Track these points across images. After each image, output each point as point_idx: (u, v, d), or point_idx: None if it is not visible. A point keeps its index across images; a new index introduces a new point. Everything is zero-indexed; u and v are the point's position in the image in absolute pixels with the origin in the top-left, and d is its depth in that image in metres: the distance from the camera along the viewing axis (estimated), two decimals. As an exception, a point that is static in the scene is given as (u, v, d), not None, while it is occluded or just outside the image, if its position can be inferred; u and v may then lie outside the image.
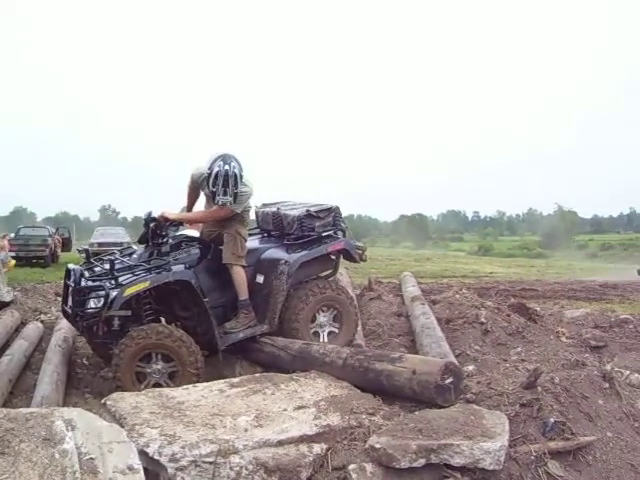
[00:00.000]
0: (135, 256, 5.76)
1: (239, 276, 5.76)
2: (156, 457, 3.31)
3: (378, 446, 3.41)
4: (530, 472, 3.46)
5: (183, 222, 6.03)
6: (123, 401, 4.03)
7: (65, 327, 6.59)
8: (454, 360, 5.13)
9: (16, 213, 74.83)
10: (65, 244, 29.81)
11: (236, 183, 5.52)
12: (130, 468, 3.04)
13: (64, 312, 5.83)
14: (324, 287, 6.14)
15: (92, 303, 5.19)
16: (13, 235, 26.68)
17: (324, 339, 6.03)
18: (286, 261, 5.87)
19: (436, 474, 3.37)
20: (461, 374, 4.28)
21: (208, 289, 5.64)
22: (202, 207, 6.18)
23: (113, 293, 5.12)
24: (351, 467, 3.40)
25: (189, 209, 6.19)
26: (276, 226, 6.42)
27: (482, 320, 6.42)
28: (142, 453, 3.28)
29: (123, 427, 3.54)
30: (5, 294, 8.00)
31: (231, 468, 3.33)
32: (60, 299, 6.80)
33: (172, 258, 5.58)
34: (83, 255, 6.24)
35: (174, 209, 6.05)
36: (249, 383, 4.52)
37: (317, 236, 6.15)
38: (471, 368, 5.15)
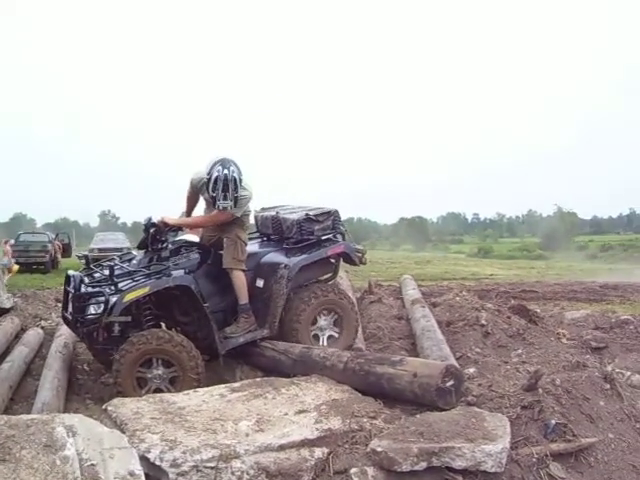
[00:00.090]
0: (135, 262, 5.76)
1: (239, 280, 5.76)
2: (157, 463, 3.31)
3: (379, 449, 3.41)
4: (532, 474, 3.46)
5: (183, 227, 6.04)
6: (124, 407, 4.03)
7: (65, 333, 6.59)
8: (455, 363, 5.14)
9: (16, 219, 74.68)
10: (65, 250, 29.84)
11: (236, 187, 5.52)
12: (131, 474, 3.04)
13: (64, 318, 5.83)
14: (327, 290, 6.14)
15: (92, 309, 5.19)
16: (13, 241, 26.70)
17: (323, 343, 6.03)
18: (286, 265, 5.87)
19: (438, 477, 3.37)
20: (462, 377, 4.27)
21: (208, 294, 5.64)
22: (202, 212, 6.19)
23: (113, 299, 5.12)
24: (353, 471, 3.40)
25: (188, 214, 6.18)
26: (275, 230, 6.41)
27: (483, 322, 6.42)
28: (143, 459, 3.28)
29: (124, 433, 3.54)
30: (5, 300, 8.01)
31: (233, 473, 3.32)
32: (60, 305, 6.81)
33: (172, 263, 5.58)
34: (83, 261, 6.25)
35: (173, 214, 6.05)
36: (250, 387, 4.51)
37: (316, 240, 6.15)
38: (472, 370, 5.15)
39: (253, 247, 6.29)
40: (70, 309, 5.46)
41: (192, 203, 6.15)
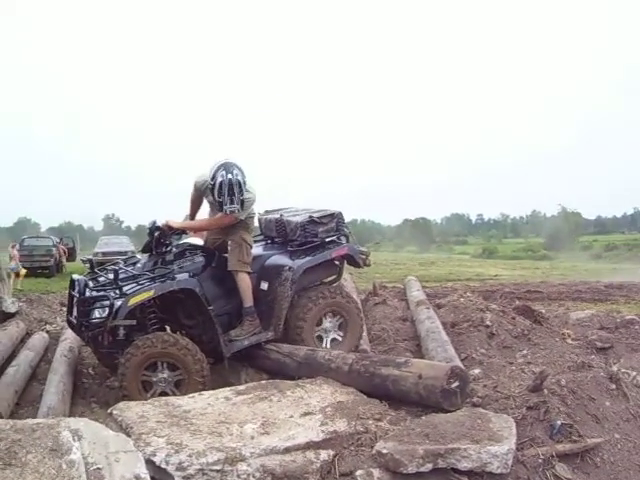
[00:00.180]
0: (139, 265, 5.76)
1: (244, 283, 5.77)
2: (163, 466, 3.31)
3: (385, 451, 3.41)
4: (538, 475, 3.45)
5: (188, 230, 6.05)
6: (129, 410, 4.03)
7: (70, 337, 6.60)
8: (460, 364, 5.13)
9: (20, 224, 74.92)
10: (70, 254, 29.88)
11: (241, 190, 5.53)
12: (137, 477, 3.03)
13: (69, 322, 5.84)
14: (335, 292, 6.16)
15: (97, 313, 5.20)
16: (18, 246, 26.73)
17: (327, 345, 6.03)
18: (290, 267, 5.88)
19: (443, 479, 3.36)
20: (467, 378, 4.26)
21: (213, 297, 5.64)
22: (206, 215, 6.19)
23: (118, 303, 5.13)
24: (358, 473, 3.40)
25: (192, 217, 6.19)
26: (279, 233, 6.41)
27: (487, 323, 6.41)
28: (149, 462, 3.28)
29: (130, 436, 3.54)
30: (10, 305, 8.01)
31: (238, 476, 3.32)
32: (65, 309, 6.82)
33: (176, 266, 5.59)
34: (87, 265, 6.25)
35: (177, 217, 6.07)
36: (255, 390, 4.51)
37: (320, 242, 6.16)
38: (477, 372, 5.14)
39: (257, 250, 6.29)
40: (75, 313, 5.47)
41: (196, 206, 6.16)
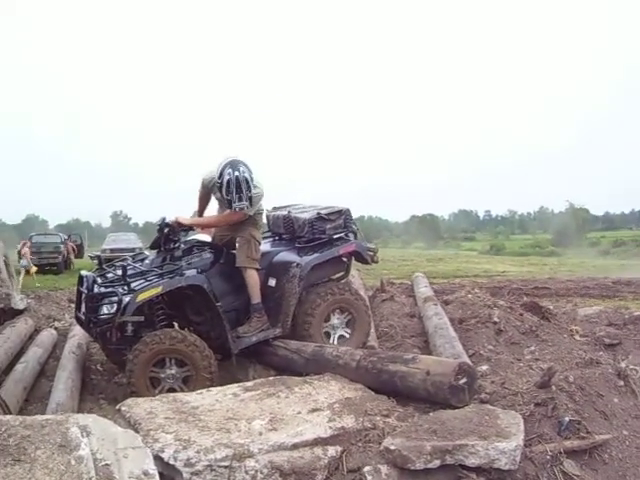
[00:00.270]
0: (147, 262, 5.77)
1: (252, 279, 5.77)
2: (171, 462, 3.32)
3: (393, 447, 3.41)
4: (546, 471, 3.45)
5: (197, 227, 6.05)
6: (137, 407, 4.04)
7: (79, 334, 6.61)
8: (468, 360, 5.12)
9: (28, 220, 74.96)
10: (78, 251, 29.95)
11: (249, 187, 5.54)
12: (146, 473, 3.04)
13: (77, 319, 5.85)
14: (343, 289, 6.16)
15: (105, 309, 5.21)
16: (22, 242, 26.79)
17: (334, 341, 6.03)
18: (298, 264, 5.88)
19: (451, 475, 3.37)
20: (475, 374, 4.26)
21: (221, 293, 5.65)
22: (215, 212, 6.20)
23: (126, 299, 5.14)
24: (366, 469, 3.41)
25: (200, 214, 6.20)
26: (287, 229, 6.41)
27: (495, 319, 6.39)
28: (157, 458, 3.29)
29: (138, 433, 3.55)
30: (19, 302, 8.02)
31: (246, 472, 3.33)
32: (73, 306, 6.83)
33: (184, 263, 5.59)
34: (95, 261, 6.26)
35: (185, 214, 6.07)
36: (263, 387, 4.52)
37: (328, 239, 6.16)
38: (485, 368, 5.14)
39: (265, 246, 6.29)
40: (83, 309, 5.47)
41: (204, 203, 6.17)
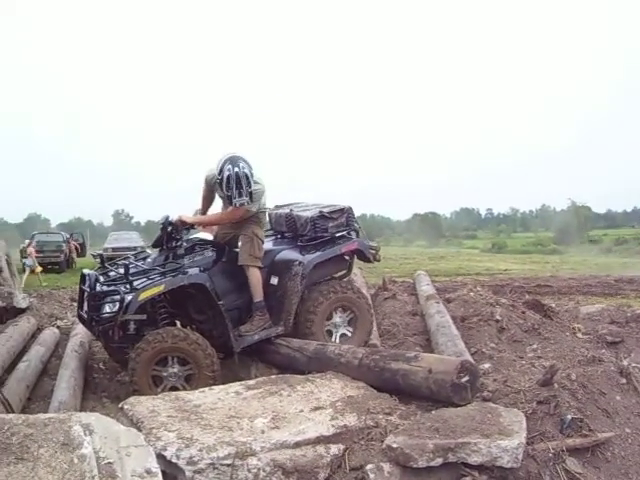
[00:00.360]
0: (149, 260, 5.77)
1: (255, 277, 5.77)
2: (174, 460, 3.32)
3: (395, 446, 3.41)
4: (548, 469, 3.45)
5: (200, 225, 6.05)
6: (140, 405, 4.05)
7: (81, 332, 6.62)
8: (470, 358, 5.12)
9: (30, 219, 74.94)
10: (80, 249, 29.94)
11: (249, 182, 5.54)
12: (148, 472, 3.04)
13: (80, 317, 5.85)
14: (346, 288, 6.17)
15: (107, 308, 5.21)
16: (27, 242, 26.81)
17: (336, 340, 6.03)
18: (300, 262, 5.88)
19: (454, 473, 3.37)
20: (477, 372, 4.26)
21: (223, 292, 5.65)
22: (219, 210, 6.20)
23: (128, 297, 5.14)
24: (369, 467, 3.41)
25: (204, 212, 6.19)
26: (289, 227, 6.41)
27: (497, 317, 6.40)
28: (160, 456, 3.29)
29: (141, 431, 3.55)
30: (21, 300, 8.04)
31: (249, 470, 3.33)
32: (76, 304, 6.84)
33: (187, 261, 5.59)
34: (97, 260, 6.27)
35: (188, 213, 6.06)
36: (265, 385, 4.52)
37: (330, 237, 6.16)
38: (487, 366, 5.13)
39: (267, 244, 6.28)
40: (85, 308, 5.47)
41: (208, 201, 6.16)
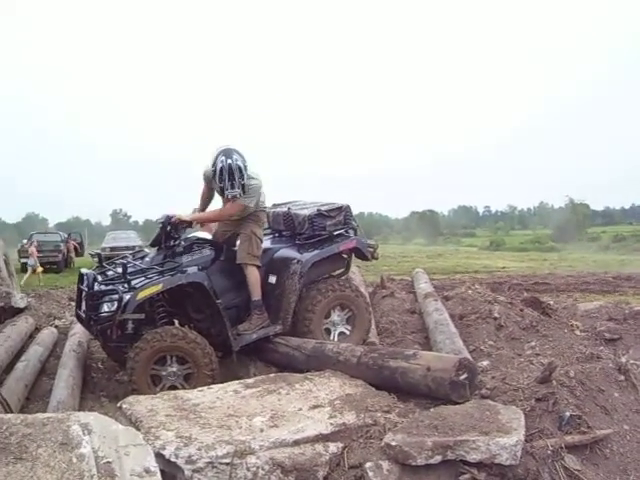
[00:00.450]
0: (147, 259, 5.76)
1: (253, 276, 5.77)
2: (173, 459, 3.32)
3: (394, 443, 3.41)
4: (547, 466, 3.45)
5: (198, 222, 6.02)
6: (139, 404, 4.05)
7: (79, 332, 6.62)
8: (468, 356, 5.13)
9: (28, 219, 74.93)
10: (79, 249, 29.96)
11: (242, 175, 5.54)
12: (147, 471, 3.04)
13: (78, 316, 5.85)
14: (344, 286, 6.17)
15: (105, 307, 5.21)
16: (25, 241, 26.81)
17: (334, 338, 6.03)
18: (298, 260, 5.88)
19: (453, 470, 3.37)
20: (475, 370, 4.26)
21: (221, 290, 5.65)
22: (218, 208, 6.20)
23: (126, 297, 5.14)
24: (367, 465, 3.41)
25: (202, 210, 6.17)
26: (287, 226, 6.41)
27: (495, 315, 6.40)
28: (159, 456, 3.29)
29: (139, 430, 3.55)
30: (19, 300, 8.03)
31: (248, 469, 3.33)
32: (74, 304, 6.84)
33: (185, 260, 5.59)
34: (96, 259, 6.25)
35: (187, 212, 6.06)
36: (264, 383, 4.52)
37: (328, 235, 6.15)
38: (485, 363, 5.14)
39: (265, 243, 6.28)
40: (84, 307, 5.47)
41: (206, 200, 6.14)
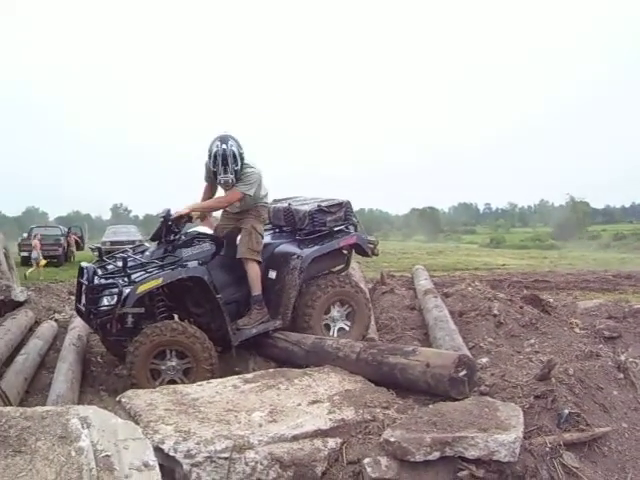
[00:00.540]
0: (148, 253, 5.75)
1: (253, 271, 5.77)
2: (171, 453, 3.33)
3: (393, 439, 3.41)
4: (545, 464, 3.46)
5: (196, 212, 5.97)
6: (138, 398, 4.05)
7: (79, 325, 6.61)
8: (468, 353, 5.13)
9: (28, 213, 74.82)
10: (80, 243, 29.99)
11: (235, 160, 5.57)
12: (146, 465, 3.05)
13: (78, 310, 5.85)
14: (344, 282, 6.17)
15: (105, 301, 5.20)
16: (26, 235, 26.82)
17: (334, 334, 6.03)
18: (298, 256, 5.88)
19: (451, 467, 3.37)
20: (475, 367, 4.27)
21: (221, 285, 5.64)
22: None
23: (126, 290, 5.14)
24: (366, 461, 3.41)
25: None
26: (288, 221, 6.40)
27: (495, 312, 6.39)
28: (157, 450, 3.30)
29: (138, 424, 3.55)
30: (19, 294, 8.02)
31: (246, 463, 3.34)
32: (74, 298, 6.83)
33: (185, 255, 5.58)
34: (96, 253, 6.24)
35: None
36: (263, 378, 4.53)
37: (329, 231, 6.15)
38: (485, 360, 5.14)
39: (266, 238, 6.25)
40: (83, 301, 5.47)
41: (209, 194, 6.12)
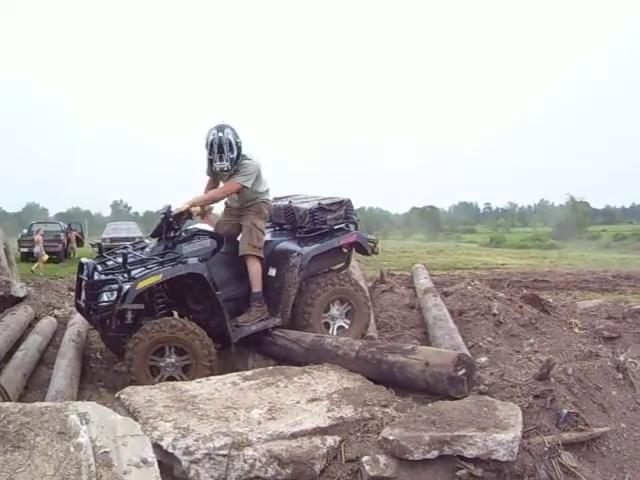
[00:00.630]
0: (148, 250, 5.75)
1: (254, 268, 5.77)
2: (170, 450, 3.33)
3: (391, 438, 3.42)
4: (544, 463, 3.46)
5: (194, 206, 5.93)
6: (137, 395, 4.05)
7: (79, 322, 6.61)
8: (467, 352, 5.13)
9: (28, 209, 74.87)
10: (81, 239, 30.02)
11: (231, 149, 5.59)
12: (144, 461, 3.05)
13: (77, 306, 5.85)
14: (344, 280, 6.17)
15: (105, 297, 5.21)
16: (26, 231, 26.86)
17: (333, 332, 6.03)
18: (298, 254, 5.87)
19: (449, 465, 3.37)
20: (474, 366, 4.27)
21: (221, 282, 5.64)
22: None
23: (126, 287, 5.13)
24: (364, 459, 3.41)
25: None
26: (288, 219, 6.39)
27: (494, 312, 6.39)
28: (156, 446, 3.29)
29: (137, 420, 3.55)
30: (19, 289, 8.02)
31: (245, 461, 3.33)
32: (73, 294, 6.84)
33: (185, 251, 5.58)
34: (96, 249, 6.25)
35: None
36: (262, 376, 4.53)
37: (329, 229, 6.15)
38: (484, 360, 5.14)
39: (266, 236, 6.26)
40: (83, 297, 5.47)
41: (210, 189, 6.10)
